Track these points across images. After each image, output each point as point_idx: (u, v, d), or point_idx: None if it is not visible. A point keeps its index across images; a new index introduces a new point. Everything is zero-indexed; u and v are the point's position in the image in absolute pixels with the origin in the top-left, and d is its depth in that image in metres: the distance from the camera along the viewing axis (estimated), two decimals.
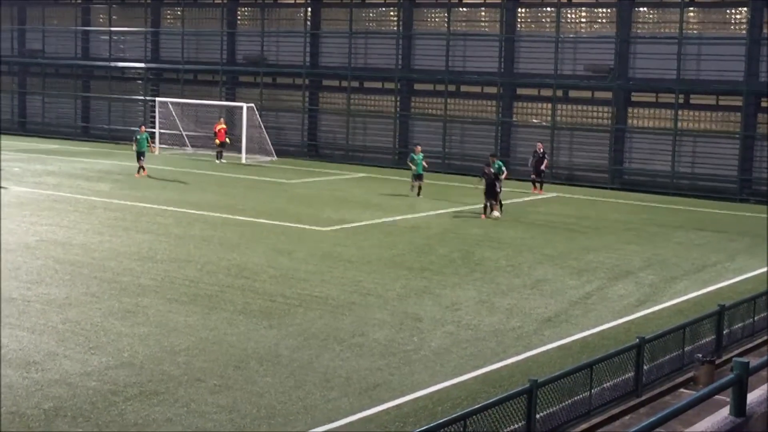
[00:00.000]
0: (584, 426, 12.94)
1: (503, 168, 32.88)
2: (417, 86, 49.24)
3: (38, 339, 16.52)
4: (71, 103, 60.65)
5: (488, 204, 31.80)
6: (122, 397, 13.78)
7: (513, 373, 15.55)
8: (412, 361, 16.02)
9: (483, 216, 31.62)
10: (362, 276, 22.37)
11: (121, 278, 21.23)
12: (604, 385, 13.47)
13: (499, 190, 31.85)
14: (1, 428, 12.33)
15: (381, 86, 49.90)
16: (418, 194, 36.17)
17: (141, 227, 28.01)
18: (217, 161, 47.50)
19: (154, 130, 52.62)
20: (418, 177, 36.32)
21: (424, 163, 36.40)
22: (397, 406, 13.90)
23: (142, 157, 40.47)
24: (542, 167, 40.29)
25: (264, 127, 50.34)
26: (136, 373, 14.83)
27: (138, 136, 40.79)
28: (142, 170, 40.38)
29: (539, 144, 40.94)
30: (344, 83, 50.53)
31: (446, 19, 47.27)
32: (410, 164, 36.88)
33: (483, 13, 47.30)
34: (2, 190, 33.94)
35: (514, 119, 46.38)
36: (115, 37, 58.55)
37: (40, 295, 19.54)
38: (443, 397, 14.28)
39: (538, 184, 40.31)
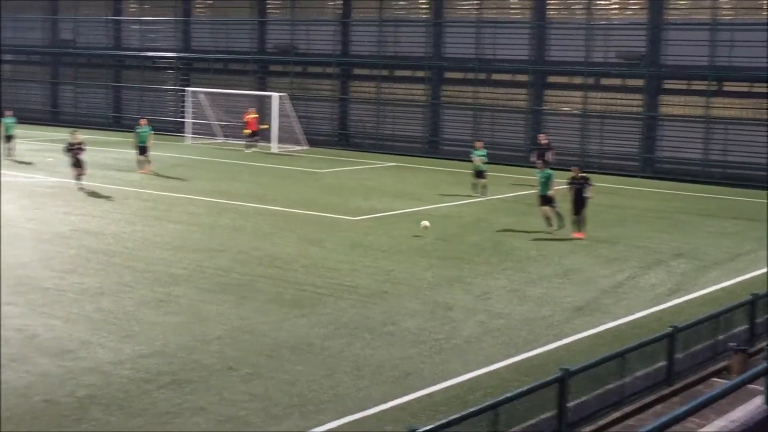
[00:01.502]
0: (616, 415, 12.90)
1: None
2: (447, 74, 49.11)
3: (72, 328, 16.66)
4: (102, 92, 61.01)
5: (577, 218, 26.68)
6: (155, 386, 13.88)
7: (545, 361, 15.53)
8: (443, 349, 16.03)
9: (575, 234, 26.50)
10: (393, 265, 22.38)
11: (154, 268, 21.37)
12: (636, 374, 13.41)
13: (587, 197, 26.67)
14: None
15: (411, 74, 49.82)
16: (485, 192, 33.78)
17: (173, 217, 28.16)
18: (247, 151, 47.62)
19: (184, 120, 52.89)
20: (479, 174, 33.96)
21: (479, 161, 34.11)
22: (429, 394, 13.92)
23: (146, 152, 37.51)
24: (547, 158, 35.42)
25: (295, 116, 50.40)
26: (168, 362, 14.93)
27: (138, 129, 37.89)
28: (146, 165, 37.41)
29: (541, 135, 38.59)
30: (375, 72, 50.49)
31: (476, 7, 47.09)
32: (474, 160, 34.16)
33: (513, 0, 47.06)
34: (30, 179, 34.21)
35: (544, 107, 46.17)
36: (145, 27, 58.81)
37: (74, 284, 19.70)
38: (475, 386, 14.28)
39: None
